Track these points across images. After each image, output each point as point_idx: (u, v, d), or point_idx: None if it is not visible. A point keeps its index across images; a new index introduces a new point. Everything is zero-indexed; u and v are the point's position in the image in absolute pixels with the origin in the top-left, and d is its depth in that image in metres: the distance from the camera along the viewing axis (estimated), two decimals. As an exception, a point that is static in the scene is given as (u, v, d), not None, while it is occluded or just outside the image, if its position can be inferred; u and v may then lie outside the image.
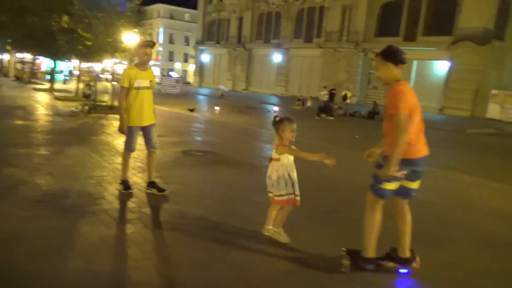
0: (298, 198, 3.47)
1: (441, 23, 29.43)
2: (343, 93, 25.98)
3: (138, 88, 4.49)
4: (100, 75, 63.84)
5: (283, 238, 3.53)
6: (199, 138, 9.35)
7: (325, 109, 20.05)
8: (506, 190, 6.68)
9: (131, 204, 4.29)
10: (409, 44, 30.80)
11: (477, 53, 26.79)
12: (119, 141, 7.92)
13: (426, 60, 30.41)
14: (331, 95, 22.39)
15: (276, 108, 23.79)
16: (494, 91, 26.48)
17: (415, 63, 30.90)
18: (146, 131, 4.69)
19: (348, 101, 25.49)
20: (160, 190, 4.68)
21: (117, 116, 4.51)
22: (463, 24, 27.72)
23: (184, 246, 3.32)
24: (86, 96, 14.28)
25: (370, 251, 3.14)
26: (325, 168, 3.62)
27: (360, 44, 33.97)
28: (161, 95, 29.95)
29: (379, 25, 33.79)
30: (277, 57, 41.30)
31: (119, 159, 6.36)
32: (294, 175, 3.49)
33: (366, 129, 15.98)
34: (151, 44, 4.63)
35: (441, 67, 29.56)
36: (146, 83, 4.57)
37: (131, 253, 3.14)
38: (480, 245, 4.01)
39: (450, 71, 28.66)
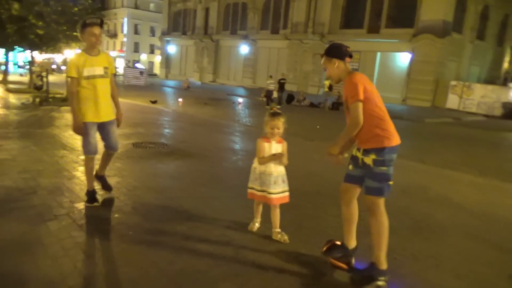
0: (271, 196, 3.35)
1: (403, 15, 30.02)
2: (327, 83, 25.72)
3: (89, 77, 3.78)
4: (62, 67, 61.74)
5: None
6: (154, 130, 9.08)
7: (271, 98, 20.91)
8: (455, 177, 6.84)
9: (63, 198, 4.05)
10: (373, 36, 31.39)
11: (437, 45, 27.55)
12: (66, 134, 7.56)
13: (389, 52, 31.02)
14: (281, 85, 22.27)
15: (240, 100, 23.62)
16: (453, 82, 27.36)
17: (378, 54, 31.49)
18: (104, 128, 4.03)
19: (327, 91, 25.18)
20: (106, 187, 4.30)
21: (70, 108, 3.82)
22: (423, 17, 28.39)
23: (109, 241, 3.15)
24: (37, 88, 13.62)
25: (385, 262, 2.87)
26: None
27: (325, 36, 34.20)
28: (124, 87, 29.18)
29: (344, 17, 34.11)
30: (244, 49, 41.02)
31: (62, 152, 6.07)
32: (272, 170, 3.35)
33: (328, 120, 16.10)
34: (97, 22, 3.79)
35: (403, 59, 30.22)
36: (99, 70, 3.84)
37: (51, 250, 2.93)
38: (415, 230, 4.06)
39: (412, 62, 29.34)
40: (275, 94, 25.42)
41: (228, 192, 4.76)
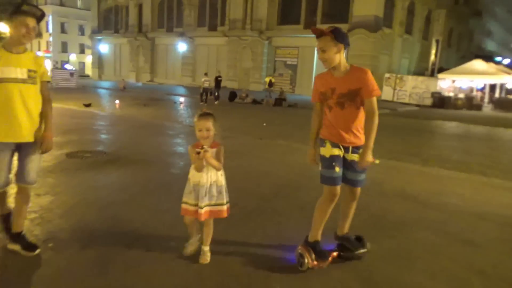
0: (200, 210, 2.88)
1: (337, 11, 30.90)
2: (268, 79, 25.68)
3: (2, 81, 2.80)
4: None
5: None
6: (90, 137, 8.30)
7: (205, 95, 21.32)
8: (403, 168, 6.94)
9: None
10: (309, 32, 30.88)
11: (370, 39, 28.71)
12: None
13: (325, 47, 31.75)
14: (218, 82, 22.28)
15: (182, 99, 22.89)
16: (387, 75, 28.71)
17: (316, 49, 32.02)
18: (23, 152, 2.93)
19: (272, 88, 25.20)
20: (29, 246, 2.99)
21: None
22: (356, 12, 29.44)
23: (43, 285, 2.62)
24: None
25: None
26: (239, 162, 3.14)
27: (264, 32, 34.29)
28: (54, 90, 27.09)
29: (281, 13, 34.40)
30: (181, 46, 39.97)
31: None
32: (204, 180, 2.89)
33: (273, 116, 16.02)
34: (36, 14, 2.91)
35: (339, 53, 31.08)
36: (19, 73, 2.85)
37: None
38: (379, 228, 3.95)
39: (347, 57, 30.31)
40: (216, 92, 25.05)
41: (179, 202, 4.33)
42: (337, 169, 2.93)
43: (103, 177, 5.12)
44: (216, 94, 21.90)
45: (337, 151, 2.95)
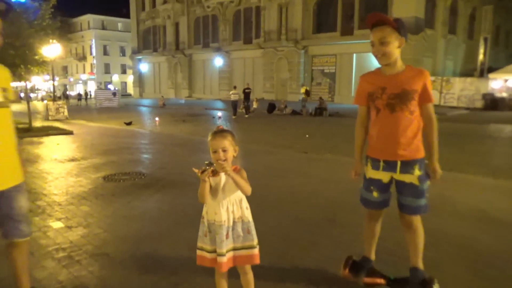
0: (220, 258, 2.19)
1: (375, 15, 29.87)
2: (304, 89, 25.04)
3: None
4: (30, 94, 59.63)
5: None
6: (130, 157, 8.06)
7: (234, 108, 21.06)
8: (471, 181, 6.10)
9: None
10: (346, 38, 31.13)
11: (411, 42, 27.39)
12: None
13: (365, 52, 30.69)
14: (246, 94, 21.93)
15: (220, 113, 22.71)
16: (432, 78, 27.08)
17: (354, 56, 31.22)
18: (2, 201, 2.30)
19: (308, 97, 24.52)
20: None
21: (35, 140, 2.37)
22: (396, 14, 28.24)
23: None
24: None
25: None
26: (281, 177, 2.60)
27: (299, 42, 33.81)
28: (97, 110, 27.94)
29: (316, 21, 33.81)
30: (218, 61, 40.26)
31: None
32: (222, 218, 2.20)
33: (315, 127, 15.35)
34: None
35: (379, 59, 29.96)
36: None
37: None
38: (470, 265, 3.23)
39: (387, 61, 29.14)
40: (254, 105, 24.71)
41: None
42: (375, 193, 2.63)
43: (140, 203, 4.72)
44: (246, 106, 21.75)
45: (377, 175, 2.59)
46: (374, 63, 2.55)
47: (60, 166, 7.08)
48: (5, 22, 11.55)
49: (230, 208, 2.22)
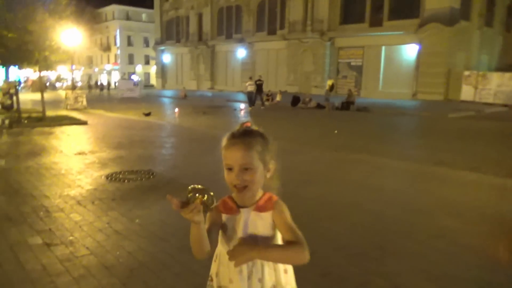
0: None
1: (406, 5, 28.34)
2: (330, 83, 23.97)
3: None
4: (57, 83, 60.37)
5: None
6: (141, 152, 7.35)
7: (251, 99, 20.52)
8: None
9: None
10: (375, 30, 29.68)
11: (446, 34, 25.84)
12: (21, 166, 5.83)
13: (394, 45, 29.28)
14: (259, 86, 21.29)
15: (242, 105, 21.92)
16: (467, 73, 25.60)
17: (383, 48, 29.79)
18: None
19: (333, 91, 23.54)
20: None
21: (46, 130, 1.88)
22: (429, 5, 26.70)
23: None
24: (6, 108, 11.95)
25: None
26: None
27: (325, 33, 32.52)
28: (118, 101, 27.61)
29: (343, 12, 32.41)
30: (241, 53, 39.37)
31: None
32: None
33: (342, 122, 14.34)
34: None
35: (410, 51, 28.48)
36: None
37: None
38: None
39: (420, 54, 27.62)
40: (278, 98, 23.79)
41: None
42: None
43: (142, 213, 3.96)
44: (260, 98, 21.30)
45: None
46: (404, 56, 1.63)
47: (64, 161, 6.43)
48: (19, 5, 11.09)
49: (256, 273, 1.31)
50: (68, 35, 14.11)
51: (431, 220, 3.85)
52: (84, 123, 11.72)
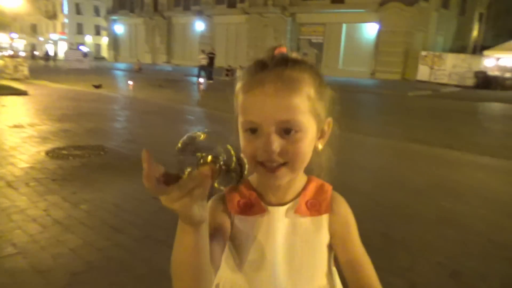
0: None
1: (368, -17, 28.21)
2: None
3: None
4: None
5: None
6: (90, 125, 6.45)
7: (203, 72, 20.08)
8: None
9: None
10: (337, 7, 29.36)
11: (405, 14, 26.08)
12: None
13: (355, 23, 29.19)
14: (211, 59, 20.99)
15: (201, 80, 20.96)
16: (424, 53, 26.06)
17: (344, 26, 29.64)
18: None
19: None
20: None
21: None
22: (390, -16, 26.71)
23: None
24: None
25: None
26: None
27: (287, 8, 31.80)
28: (65, 72, 25.53)
29: (306, -13, 31.77)
30: (199, 26, 37.75)
31: None
32: None
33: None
34: None
35: (370, 30, 28.52)
36: None
37: None
38: None
39: (379, 33, 27.74)
40: (238, 73, 22.99)
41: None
42: None
43: (90, 196, 3.22)
44: (207, 72, 20.72)
45: None
46: (364, 34, 1.09)
47: (-4, 134, 5.44)
48: None
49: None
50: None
51: (432, 202, 3.44)
52: (23, 93, 10.41)
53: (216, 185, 0.56)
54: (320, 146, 0.76)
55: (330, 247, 0.79)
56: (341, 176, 0.77)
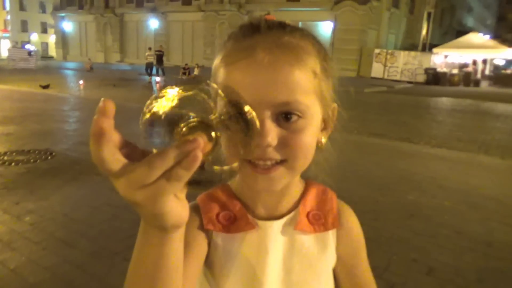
0: None
1: (319, -17, 28.74)
2: None
3: None
4: None
5: None
6: (36, 127, 5.96)
7: (149, 70, 19.99)
8: (471, 162, 5.03)
9: None
10: (293, 5, 29.66)
11: (359, 12, 26.80)
12: None
13: (311, 21, 29.50)
14: (158, 57, 20.82)
15: (158, 79, 20.37)
16: (377, 50, 26.89)
17: (300, 24, 29.46)
18: None
19: None
20: None
21: None
22: (341, -17, 27.35)
23: None
24: None
25: None
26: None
27: (243, 6, 31.71)
28: (9, 72, 23.92)
29: (262, -16, 31.82)
30: (153, 23, 36.78)
31: None
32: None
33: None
34: None
35: (326, 28, 29.02)
36: None
37: None
38: None
39: (335, 31, 28.29)
40: (196, 72, 22.61)
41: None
42: None
43: (35, 206, 2.87)
44: (156, 69, 20.48)
45: None
46: (320, 32, 1.00)
47: None
48: None
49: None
50: None
51: (399, 196, 3.41)
52: (-40, 94, 9.57)
53: (206, 165, 0.35)
54: (323, 140, 0.60)
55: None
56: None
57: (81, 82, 15.81)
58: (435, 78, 24.20)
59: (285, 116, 0.50)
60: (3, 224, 2.54)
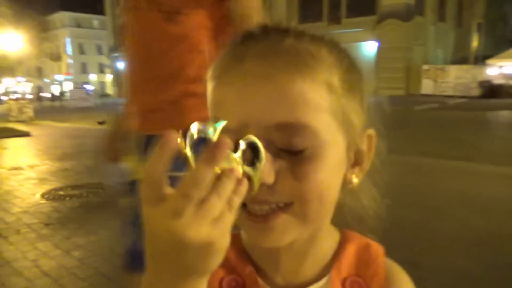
0: None
1: (363, 2, 28.55)
2: None
3: None
4: (2, 97, 56.70)
5: None
6: (90, 162, 6.24)
7: None
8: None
9: None
10: (334, 28, 29.61)
11: (402, 29, 26.24)
12: None
13: (354, 42, 29.28)
14: None
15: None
16: (425, 67, 26.01)
17: (342, 46, 29.79)
18: None
19: None
20: None
21: None
22: (385, 1, 27.01)
23: None
24: None
25: None
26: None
27: (285, 33, 32.22)
28: (70, 111, 25.75)
29: (301, 11, 32.24)
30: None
31: None
32: None
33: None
34: None
35: (369, 48, 28.64)
36: None
37: None
38: None
39: (379, 50, 27.85)
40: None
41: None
42: None
43: (84, 241, 2.96)
44: None
45: None
46: (364, 53, 0.86)
47: (-7, 179, 5.25)
48: None
49: None
50: (7, 39, 12.61)
51: (459, 220, 3.14)
52: (26, 134, 10.34)
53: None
54: (355, 180, 0.46)
55: None
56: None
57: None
58: (491, 91, 22.87)
59: (291, 131, 0.38)
60: (53, 259, 2.62)
